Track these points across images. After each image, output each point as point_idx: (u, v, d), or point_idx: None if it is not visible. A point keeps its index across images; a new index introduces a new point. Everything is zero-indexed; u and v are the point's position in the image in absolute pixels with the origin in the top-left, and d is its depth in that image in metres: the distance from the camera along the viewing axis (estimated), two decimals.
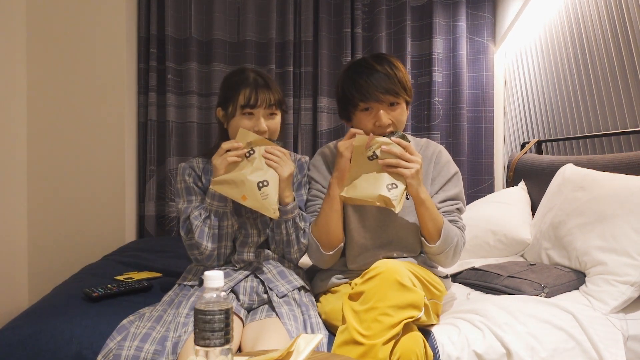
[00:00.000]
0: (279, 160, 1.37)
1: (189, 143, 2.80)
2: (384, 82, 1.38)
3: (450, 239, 1.41)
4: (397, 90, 1.39)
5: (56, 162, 2.51)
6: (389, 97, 1.39)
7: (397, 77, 1.40)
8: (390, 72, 1.39)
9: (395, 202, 1.33)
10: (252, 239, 1.48)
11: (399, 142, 1.34)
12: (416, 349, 1.17)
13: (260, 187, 1.35)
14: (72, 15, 2.51)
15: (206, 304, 0.84)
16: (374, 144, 1.36)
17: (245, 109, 1.41)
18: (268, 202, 1.35)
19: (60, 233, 2.53)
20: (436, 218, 1.39)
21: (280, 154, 1.38)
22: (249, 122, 1.41)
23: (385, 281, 1.19)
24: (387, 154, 1.34)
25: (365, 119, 1.42)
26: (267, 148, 1.37)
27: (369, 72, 1.40)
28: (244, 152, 1.36)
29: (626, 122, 1.99)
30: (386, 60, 1.43)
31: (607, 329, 1.40)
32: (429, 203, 1.38)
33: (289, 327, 1.26)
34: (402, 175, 1.34)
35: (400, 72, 1.42)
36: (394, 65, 1.42)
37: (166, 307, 1.38)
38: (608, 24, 2.08)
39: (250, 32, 2.83)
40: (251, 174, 1.35)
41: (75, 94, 2.52)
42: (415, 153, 1.35)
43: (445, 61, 2.97)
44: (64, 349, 1.25)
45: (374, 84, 1.38)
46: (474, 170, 2.99)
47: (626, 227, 1.53)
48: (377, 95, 1.38)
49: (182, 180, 1.49)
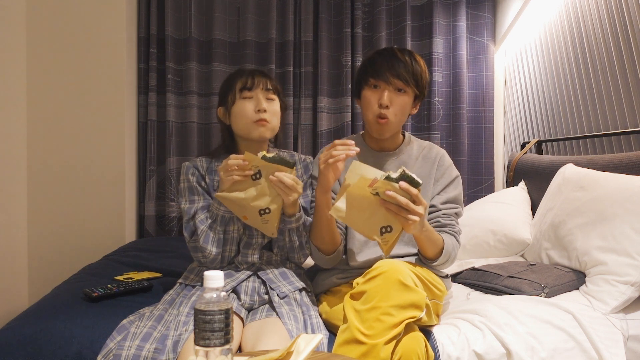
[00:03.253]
0: (284, 187, 1.31)
1: (189, 143, 2.80)
2: (398, 67, 1.43)
3: (449, 253, 1.41)
4: (407, 78, 1.43)
5: (56, 162, 2.51)
6: (398, 82, 1.43)
7: (413, 68, 1.44)
8: (407, 62, 1.44)
9: (385, 248, 1.25)
10: (256, 241, 1.48)
11: (407, 189, 1.19)
12: (417, 349, 1.17)
13: (261, 214, 1.35)
14: (72, 15, 2.51)
15: (206, 304, 0.84)
16: (378, 186, 1.21)
17: (244, 91, 1.45)
18: (268, 226, 1.37)
19: (60, 233, 2.53)
20: (436, 241, 1.38)
21: (288, 181, 1.30)
22: (250, 105, 1.44)
23: (388, 281, 1.19)
24: (390, 198, 1.20)
25: (371, 96, 1.46)
26: (276, 174, 1.31)
27: (389, 56, 1.45)
28: (250, 174, 1.32)
29: (626, 122, 1.99)
30: (409, 53, 1.48)
31: (607, 329, 1.40)
32: (429, 233, 1.34)
33: (289, 326, 1.26)
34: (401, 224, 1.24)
35: (419, 66, 1.47)
36: (414, 59, 1.47)
37: (167, 307, 1.38)
38: (608, 24, 2.08)
39: (250, 32, 2.83)
40: (254, 201, 1.33)
41: (75, 94, 2.52)
42: (421, 202, 1.22)
43: (445, 61, 2.97)
44: (64, 349, 1.24)
45: (388, 65, 1.43)
46: (474, 170, 2.99)
47: (626, 227, 1.53)
48: (387, 75, 1.43)
49: (185, 180, 1.48)
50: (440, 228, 1.48)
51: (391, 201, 1.20)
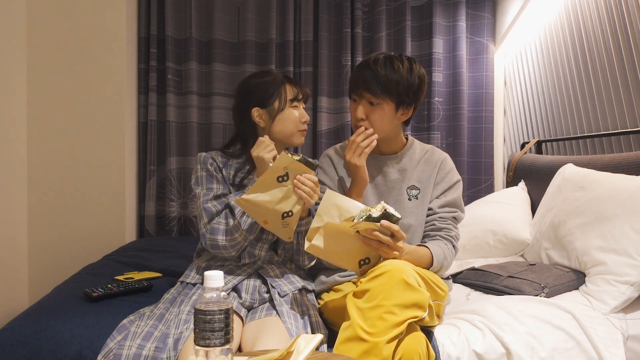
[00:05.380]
0: (309, 191, 1.35)
1: (189, 143, 2.80)
2: (369, 80, 1.44)
3: (440, 263, 1.41)
4: (377, 91, 1.43)
5: (56, 162, 2.51)
6: (369, 96, 1.45)
7: (387, 79, 1.42)
8: (380, 73, 1.43)
9: (363, 279, 1.24)
10: (266, 236, 1.50)
11: (388, 227, 1.22)
12: (419, 349, 1.18)
13: (284, 217, 1.37)
14: (72, 15, 2.51)
15: (206, 304, 0.84)
16: (360, 226, 1.23)
17: (294, 102, 1.52)
18: (287, 230, 1.39)
19: (60, 233, 2.53)
20: (422, 258, 1.38)
21: (312, 184, 1.35)
22: (297, 112, 1.52)
23: (391, 280, 1.19)
24: (373, 237, 1.23)
25: (352, 109, 1.52)
26: (298, 177, 1.35)
27: (363, 70, 1.47)
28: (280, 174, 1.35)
29: (626, 122, 1.99)
30: (386, 61, 1.45)
31: (606, 329, 1.40)
32: (410, 255, 1.33)
33: (289, 325, 1.27)
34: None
35: (398, 74, 1.43)
36: (393, 67, 1.43)
37: (168, 306, 1.38)
38: (608, 24, 2.08)
39: (250, 32, 2.83)
40: (279, 203, 1.35)
41: (75, 94, 2.52)
42: (402, 236, 1.26)
43: (445, 61, 2.97)
44: (64, 349, 1.25)
45: (361, 79, 1.45)
46: (473, 170, 2.99)
47: (626, 227, 1.53)
48: (359, 90, 1.47)
49: (203, 169, 1.50)
50: (435, 232, 1.48)
51: (373, 239, 1.23)
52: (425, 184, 1.53)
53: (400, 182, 1.54)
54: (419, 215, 1.51)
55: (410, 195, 1.52)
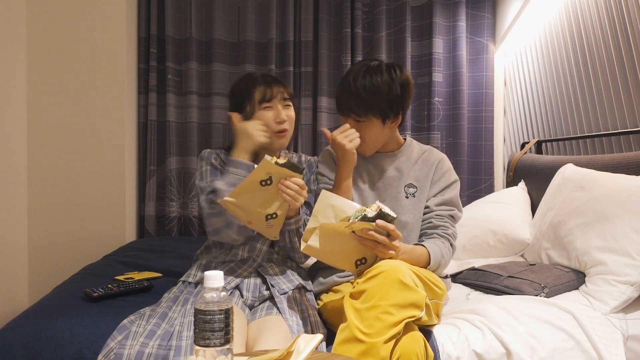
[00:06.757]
0: (294, 195, 1.34)
1: (189, 143, 2.80)
2: (352, 101, 1.44)
3: (438, 261, 1.41)
4: (360, 112, 1.44)
5: (56, 162, 2.52)
6: (353, 115, 1.47)
7: (368, 98, 1.42)
8: (361, 95, 1.43)
9: (359, 280, 1.24)
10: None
11: (384, 226, 1.22)
12: (417, 348, 1.18)
13: (267, 219, 1.37)
14: (72, 15, 2.51)
15: (206, 304, 0.84)
16: (355, 226, 1.23)
17: (263, 103, 1.48)
18: (272, 230, 1.40)
19: (60, 233, 2.53)
20: (420, 257, 1.38)
21: (297, 187, 1.33)
22: (270, 115, 1.49)
23: (388, 280, 1.19)
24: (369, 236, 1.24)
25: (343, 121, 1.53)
26: (282, 181, 1.33)
27: (345, 87, 1.47)
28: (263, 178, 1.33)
29: (626, 122, 1.99)
30: (365, 77, 1.44)
31: (606, 329, 1.40)
32: (407, 255, 1.33)
33: (290, 322, 1.27)
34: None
35: (377, 91, 1.42)
36: (370, 85, 1.42)
37: (171, 304, 1.38)
38: (608, 24, 2.08)
39: (250, 32, 2.83)
40: (262, 206, 1.35)
41: (75, 94, 2.52)
42: (398, 235, 1.26)
43: (445, 61, 2.97)
44: (64, 349, 1.25)
45: (344, 101, 1.47)
46: (473, 170, 2.99)
47: (626, 227, 1.53)
48: (343, 111, 1.49)
49: (208, 163, 1.52)
50: (432, 230, 1.48)
51: (369, 238, 1.23)
52: (423, 183, 1.53)
53: (397, 180, 1.54)
54: (416, 213, 1.51)
55: (408, 193, 1.53)
